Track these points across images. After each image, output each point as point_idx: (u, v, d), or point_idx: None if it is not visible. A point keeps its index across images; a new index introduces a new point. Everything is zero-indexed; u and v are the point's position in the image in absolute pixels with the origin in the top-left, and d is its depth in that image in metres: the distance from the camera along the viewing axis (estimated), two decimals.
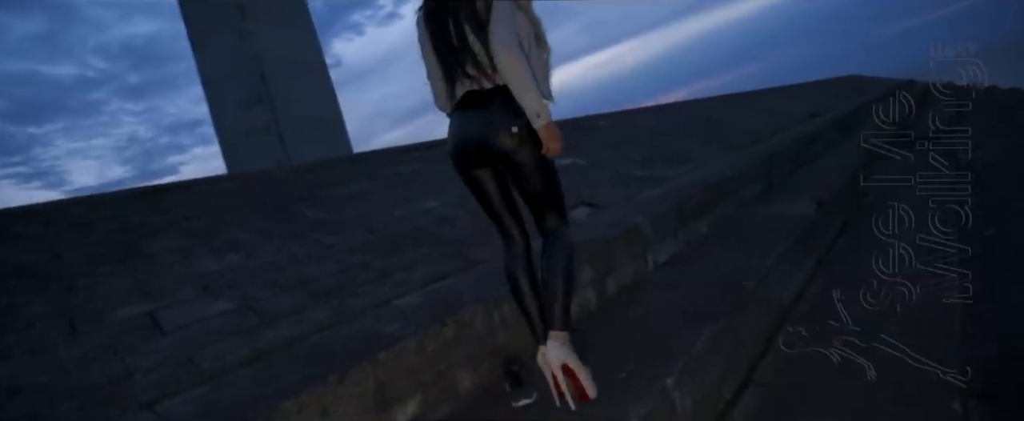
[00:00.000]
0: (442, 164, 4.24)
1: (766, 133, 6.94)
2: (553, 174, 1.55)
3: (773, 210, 3.50)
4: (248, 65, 13.58)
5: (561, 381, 1.41)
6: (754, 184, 4.21)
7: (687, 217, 3.24)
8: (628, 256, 2.65)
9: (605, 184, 4.13)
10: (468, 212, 3.32)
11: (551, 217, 1.59)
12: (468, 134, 1.49)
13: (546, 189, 1.54)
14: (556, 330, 1.44)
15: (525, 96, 1.40)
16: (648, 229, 2.79)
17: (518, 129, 1.42)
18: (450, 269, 2.57)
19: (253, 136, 13.41)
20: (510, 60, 1.39)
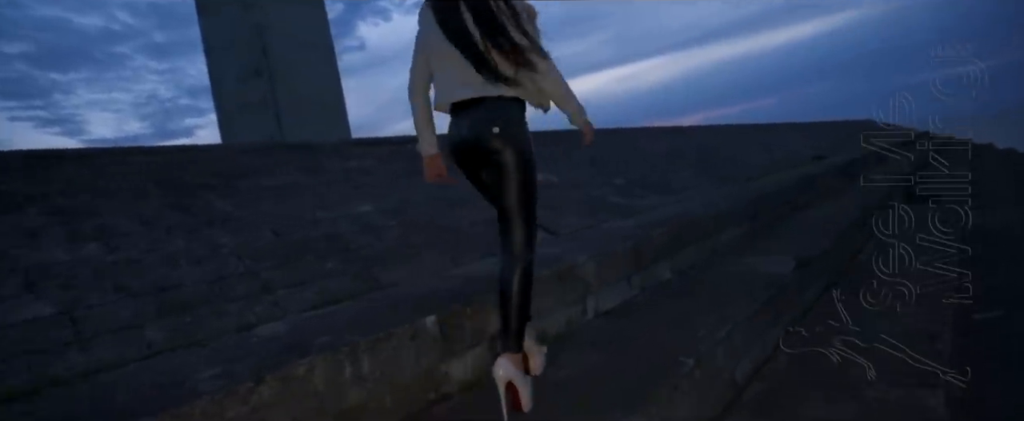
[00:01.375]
0: (398, 163, 3.88)
1: (764, 170, 6.53)
2: (531, 185, 1.56)
3: (747, 263, 3.09)
4: (250, 37, 13.24)
5: (503, 396, 1.48)
6: (735, 227, 3.81)
7: (648, 260, 2.84)
8: (562, 301, 2.25)
9: (571, 208, 3.74)
10: (401, 222, 2.94)
11: (516, 233, 1.57)
12: (463, 136, 1.55)
13: (518, 195, 1.54)
14: (510, 352, 1.51)
15: (574, 104, 1.66)
16: (591, 272, 2.39)
17: (499, 129, 1.47)
18: (349, 291, 2.19)
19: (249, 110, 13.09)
20: (556, 72, 1.57)
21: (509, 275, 1.53)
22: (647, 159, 5.83)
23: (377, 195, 3.23)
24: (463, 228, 3.08)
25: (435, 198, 3.41)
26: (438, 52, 1.58)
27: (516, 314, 1.53)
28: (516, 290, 1.52)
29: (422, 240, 2.79)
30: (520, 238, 1.56)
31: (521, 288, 1.52)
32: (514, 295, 1.53)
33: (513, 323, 1.53)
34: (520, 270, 1.54)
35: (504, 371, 1.47)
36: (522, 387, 1.49)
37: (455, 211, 3.28)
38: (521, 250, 1.56)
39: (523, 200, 1.55)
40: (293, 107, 13.86)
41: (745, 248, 3.54)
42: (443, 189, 3.62)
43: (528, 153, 1.54)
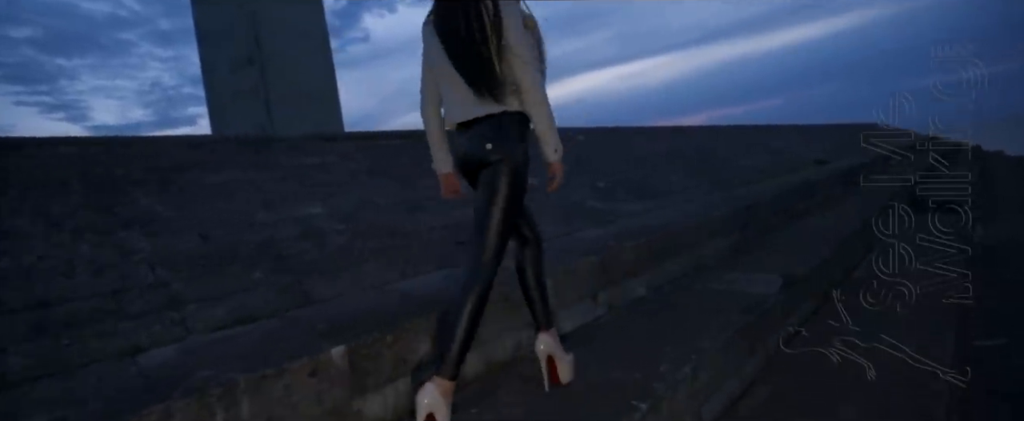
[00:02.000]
0: (362, 161, 3.63)
1: (763, 174, 6.25)
2: (513, 205, 1.52)
3: (730, 280, 2.84)
4: (243, 25, 13.02)
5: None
6: (723, 238, 3.54)
7: (618, 275, 2.59)
8: (509, 324, 2.01)
9: (544, 214, 3.48)
10: (353, 226, 2.69)
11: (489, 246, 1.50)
12: (465, 150, 1.56)
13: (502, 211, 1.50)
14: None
15: (549, 133, 1.52)
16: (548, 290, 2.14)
17: (491, 145, 1.48)
18: (271, 307, 1.94)
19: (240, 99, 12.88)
20: (540, 97, 1.48)
21: (467, 288, 1.45)
22: (637, 160, 5.56)
23: (331, 195, 2.99)
24: (422, 234, 2.83)
25: (397, 201, 3.17)
26: (438, 69, 1.59)
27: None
28: (468, 308, 1.43)
29: (372, 248, 2.54)
30: (490, 251, 1.50)
31: (474, 308, 1.44)
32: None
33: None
34: (479, 286, 1.46)
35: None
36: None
37: (416, 216, 3.03)
38: (489, 261, 1.50)
39: (504, 212, 1.50)
40: (285, 97, 13.62)
41: (732, 262, 3.28)
42: (408, 191, 3.37)
43: (520, 169, 1.51)
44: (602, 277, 2.49)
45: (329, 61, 15.33)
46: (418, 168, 3.82)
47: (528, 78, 1.45)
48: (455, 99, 1.55)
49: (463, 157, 1.59)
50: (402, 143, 4.42)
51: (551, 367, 1.65)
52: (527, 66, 1.45)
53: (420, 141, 1.93)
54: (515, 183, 1.50)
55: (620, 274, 2.59)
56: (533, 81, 1.46)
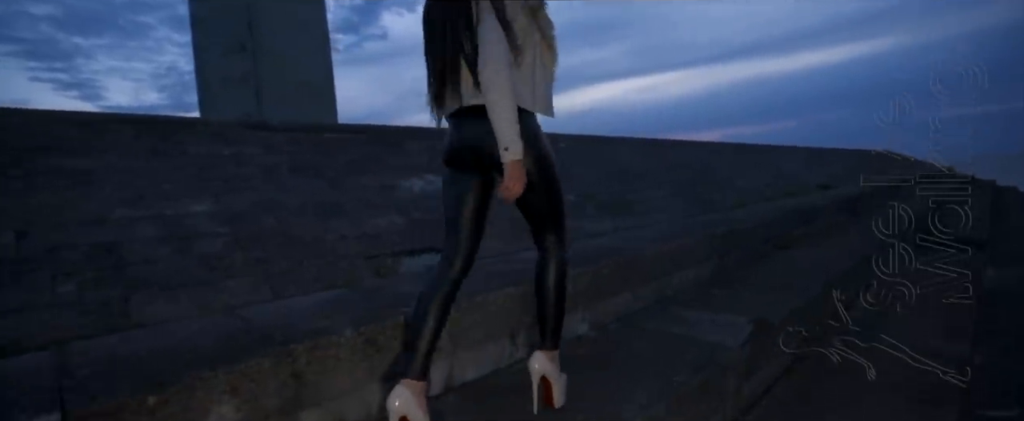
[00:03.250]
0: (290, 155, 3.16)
1: (759, 197, 5.76)
2: (553, 188, 1.46)
3: (691, 321, 2.36)
4: (237, 10, 12.71)
5: (535, 389, 1.52)
6: (696, 267, 3.06)
7: None
8: (382, 370, 1.54)
9: (492, 226, 3.02)
10: (239, 230, 2.24)
11: (548, 234, 1.52)
12: (465, 137, 1.42)
13: (543, 203, 1.46)
14: (545, 349, 1.52)
15: (501, 125, 1.29)
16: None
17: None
18: (54, 332, 1.49)
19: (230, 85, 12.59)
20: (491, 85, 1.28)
21: (544, 271, 1.50)
22: (618, 173, 5.09)
23: (230, 192, 2.54)
24: (327, 244, 2.38)
25: (313, 203, 2.72)
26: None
27: (553, 311, 1.53)
28: (552, 285, 1.49)
29: (250, 258, 2.09)
30: (553, 238, 1.51)
31: (557, 284, 1.49)
32: (550, 291, 1.51)
33: (550, 320, 1.53)
34: (555, 266, 1.50)
35: (538, 366, 1.50)
36: (556, 382, 1.53)
37: (330, 222, 2.58)
38: (554, 247, 1.51)
39: (551, 203, 1.48)
40: (276, 86, 13.27)
41: (702, 296, 2.80)
42: (331, 193, 2.92)
43: (544, 157, 1.41)
44: (527, 312, 2.02)
45: (326, 53, 15.00)
46: (355, 167, 3.38)
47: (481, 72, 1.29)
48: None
49: (466, 145, 1.42)
50: (352, 138, 3.98)
51: (545, 388, 1.53)
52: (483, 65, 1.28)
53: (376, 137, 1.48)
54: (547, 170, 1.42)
55: None
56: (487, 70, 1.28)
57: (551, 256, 1.51)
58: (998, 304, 4.04)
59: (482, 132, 1.33)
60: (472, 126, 1.38)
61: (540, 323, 1.54)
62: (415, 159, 3.89)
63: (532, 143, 1.37)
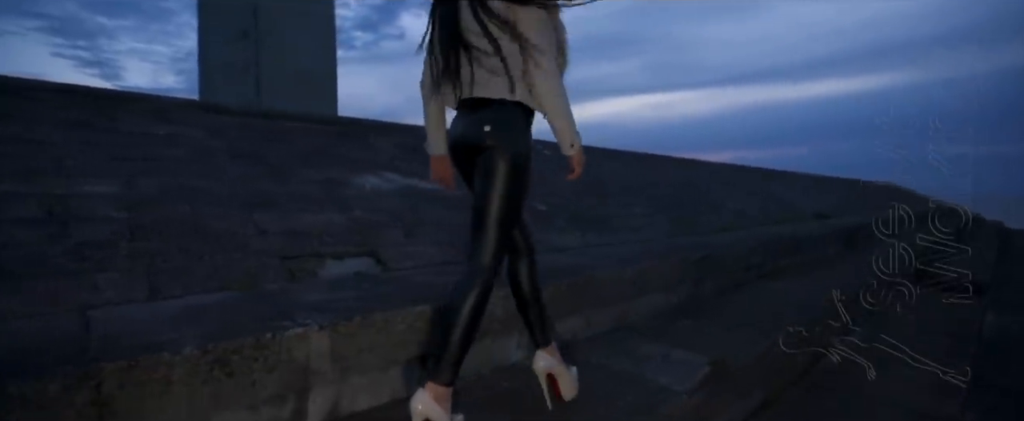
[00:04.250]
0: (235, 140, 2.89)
1: (750, 222, 5.48)
2: (513, 202, 1.40)
3: (642, 355, 2.09)
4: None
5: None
6: (663, 293, 2.80)
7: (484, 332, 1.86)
8: (248, 400, 1.28)
9: (441, 235, 2.77)
10: (139, 217, 1.99)
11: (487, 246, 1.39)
12: (460, 134, 1.46)
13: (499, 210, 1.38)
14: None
15: (562, 123, 1.38)
16: (322, 351, 1.42)
17: (490, 128, 1.37)
18: None
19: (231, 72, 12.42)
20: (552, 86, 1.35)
21: (464, 289, 1.36)
22: (601, 187, 4.83)
23: (147, 174, 2.30)
24: (241, 239, 2.12)
25: (242, 193, 2.47)
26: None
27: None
28: (467, 308, 1.34)
29: (138, 249, 1.84)
30: (488, 250, 1.40)
31: (473, 308, 1.35)
32: (463, 314, 1.34)
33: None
34: (478, 287, 1.36)
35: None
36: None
37: (255, 214, 2.33)
38: (487, 262, 1.40)
39: (502, 210, 1.39)
40: (276, 75, 13.15)
41: (665, 326, 2.53)
42: (268, 183, 2.68)
43: (520, 160, 1.39)
44: None
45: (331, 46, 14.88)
46: (306, 158, 3.13)
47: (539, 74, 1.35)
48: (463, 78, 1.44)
49: (457, 140, 1.47)
50: (314, 128, 3.75)
51: (552, 384, 1.55)
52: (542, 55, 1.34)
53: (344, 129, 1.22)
54: (515, 174, 1.38)
55: (486, 331, 1.86)
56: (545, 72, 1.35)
57: (477, 275, 1.39)
58: (995, 355, 3.74)
59: (477, 124, 1.39)
60: (471, 120, 1.41)
61: (528, 325, 1.57)
62: (379, 155, 3.65)
63: (525, 141, 1.41)
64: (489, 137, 1.36)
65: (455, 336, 1.31)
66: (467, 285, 1.35)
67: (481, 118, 1.38)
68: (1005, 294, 5.78)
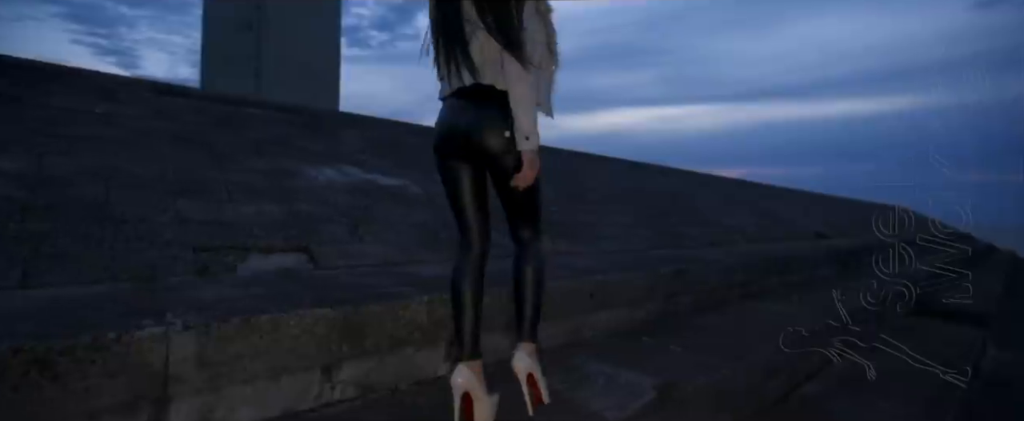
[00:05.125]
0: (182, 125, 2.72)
1: (742, 237, 5.24)
2: (537, 185, 1.46)
3: (582, 376, 1.88)
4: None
5: (524, 388, 1.46)
6: (628, 310, 2.59)
7: (405, 340, 1.67)
8: (84, 406, 1.10)
9: (398, 233, 2.58)
10: (42, 198, 1.82)
11: (526, 228, 1.55)
12: (458, 124, 1.42)
13: (525, 198, 1.47)
14: (525, 341, 1.48)
15: (523, 116, 1.35)
16: (188, 355, 1.23)
17: (510, 133, 1.36)
18: None
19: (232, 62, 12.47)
20: (523, 76, 1.34)
21: (523, 265, 1.50)
22: (584, 193, 4.63)
23: (65, 153, 2.14)
24: (155, 226, 1.95)
25: (172, 179, 2.30)
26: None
27: (532, 304, 1.51)
28: (531, 279, 1.49)
29: (23, 231, 1.67)
30: (529, 232, 1.54)
31: (536, 278, 1.50)
32: (528, 285, 1.49)
33: (528, 313, 1.51)
34: (534, 260, 1.51)
35: (524, 364, 1.45)
36: (540, 380, 1.48)
37: (178, 202, 2.16)
38: (531, 239, 1.54)
39: (537, 199, 1.50)
40: (277, 67, 13.19)
41: (623, 344, 2.32)
42: (205, 170, 2.51)
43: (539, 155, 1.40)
44: (356, 341, 1.56)
45: (335, 40, 14.88)
46: (259, 146, 2.97)
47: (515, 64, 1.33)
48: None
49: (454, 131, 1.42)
50: (280, 117, 3.59)
51: (532, 387, 1.47)
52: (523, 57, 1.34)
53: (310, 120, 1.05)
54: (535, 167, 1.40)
55: (409, 340, 1.67)
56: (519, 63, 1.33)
57: (529, 250, 1.52)
58: (992, 392, 3.48)
59: (476, 119, 1.38)
60: (467, 110, 1.40)
61: (518, 317, 1.52)
62: (342, 147, 3.48)
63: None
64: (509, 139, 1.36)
65: (529, 304, 1.48)
66: (523, 262, 1.51)
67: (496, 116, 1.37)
68: (1010, 327, 5.49)
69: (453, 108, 1.43)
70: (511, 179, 1.39)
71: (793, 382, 2.65)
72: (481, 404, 1.40)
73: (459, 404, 1.39)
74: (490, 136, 1.36)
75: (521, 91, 1.33)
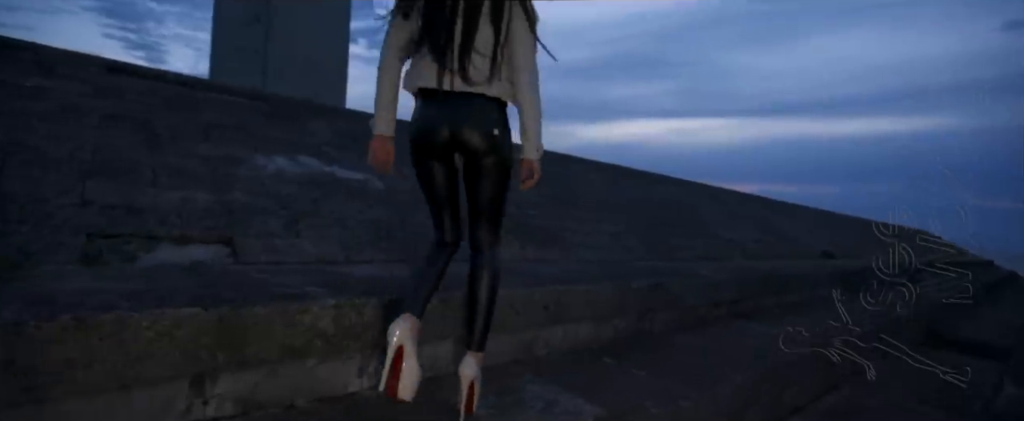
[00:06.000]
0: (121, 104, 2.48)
1: (739, 252, 4.94)
2: (506, 192, 1.52)
3: (508, 404, 1.63)
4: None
5: (463, 395, 1.43)
6: (591, 326, 2.33)
7: (297, 351, 1.44)
8: None
9: (338, 229, 2.36)
10: None
11: (488, 232, 1.54)
12: (441, 121, 1.41)
13: (493, 202, 1.50)
14: (475, 352, 1.46)
15: (534, 129, 1.45)
16: None
17: (499, 132, 1.42)
18: None
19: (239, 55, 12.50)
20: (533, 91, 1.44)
21: (479, 273, 1.49)
22: (570, 199, 4.37)
23: None
24: (49, 207, 1.74)
25: (100, 159, 2.11)
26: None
27: (484, 314, 1.49)
28: (485, 288, 1.48)
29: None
30: (489, 238, 1.53)
31: (491, 285, 1.49)
32: (483, 294, 1.48)
33: (481, 321, 1.48)
34: (490, 267, 1.50)
35: (470, 371, 1.42)
36: (478, 390, 1.45)
37: (89, 182, 1.96)
38: (489, 245, 1.53)
39: (496, 205, 1.51)
40: (284, 61, 13.16)
41: (576, 366, 2.06)
42: (140, 151, 2.31)
43: (511, 163, 1.48)
44: (235, 349, 1.33)
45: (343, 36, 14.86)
46: (208, 131, 2.77)
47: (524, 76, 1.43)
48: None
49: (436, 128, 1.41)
50: (241, 104, 3.40)
51: (470, 396, 1.43)
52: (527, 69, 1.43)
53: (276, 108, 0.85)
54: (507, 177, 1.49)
55: (310, 350, 1.44)
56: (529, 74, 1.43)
57: (486, 257, 1.51)
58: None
59: (463, 117, 1.39)
60: (453, 109, 1.40)
61: (469, 324, 1.48)
62: (307, 138, 3.27)
63: (511, 144, 1.46)
64: (494, 139, 1.40)
65: (481, 314, 1.46)
66: (479, 270, 1.48)
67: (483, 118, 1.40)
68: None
69: (437, 106, 1.42)
70: (485, 179, 1.44)
71: (775, 416, 2.36)
72: (411, 362, 1.38)
73: (391, 354, 1.37)
74: (475, 133, 1.39)
75: (533, 100, 1.43)
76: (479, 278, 1.49)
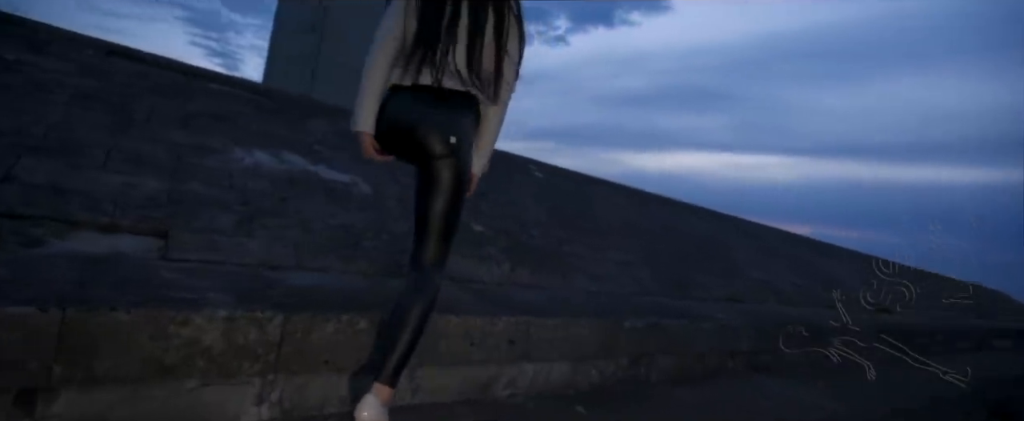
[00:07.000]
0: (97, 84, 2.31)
1: (773, 296, 4.46)
2: (460, 204, 1.41)
3: None
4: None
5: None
6: (569, 366, 2.00)
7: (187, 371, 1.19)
8: None
9: (298, 231, 2.14)
10: None
11: (436, 250, 1.39)
12: (409, 117, 1.35)
13: (448, 215, 1.38)
14: (383, 384, 1.25)
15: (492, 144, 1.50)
16: None
17: (456, 140, 1.34)
18: None
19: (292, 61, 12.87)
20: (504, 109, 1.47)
21: (412, 297, 1.31)
22: (579, 220, 4.05)
23: None
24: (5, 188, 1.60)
25: (50, 137, 1.98)
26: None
27: (405, 345, 1.28)
28: (415, 317, 1.29)
29: None
30: (433, 255, 1.38)
31: (423, 313, 1.30)
32: (410, 323, 1.28)
33: (397, 354, 1.27)
34: (426, 295, 1.32)
35: (374, 413, 1.20)
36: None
37: (25, 161, 1.82)
38: (433, 268, 1.38)
39: (451, 219, 1.39)
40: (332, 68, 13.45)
41: (539, 414, 1.74)
42: (99, 134, 2.18)
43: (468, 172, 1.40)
44: (80, 362, 1.10)
45: None
46: (188, 120, 2.64)
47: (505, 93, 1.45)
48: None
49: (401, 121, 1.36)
50: (240, 96, 3.29)
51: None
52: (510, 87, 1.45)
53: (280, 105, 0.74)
54: (464, 186, 1.40)
55: (189, 368, 1.20)
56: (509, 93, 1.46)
57: (426, 282, 1.35)
58: None
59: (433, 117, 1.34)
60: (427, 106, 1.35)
61: (383, 353, 1.29)
62: (301, 136, 3.11)
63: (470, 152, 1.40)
64: (450, 146, 1.33)
65: (402, 342, 1.26)
66: (415, 293, 1.32)
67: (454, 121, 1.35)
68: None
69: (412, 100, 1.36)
70: (438, 186, 1.35)
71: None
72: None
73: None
74: (435, 137, 1.32)
75: (497, 124, 1.46)
76: (411, 308, 1.30)
